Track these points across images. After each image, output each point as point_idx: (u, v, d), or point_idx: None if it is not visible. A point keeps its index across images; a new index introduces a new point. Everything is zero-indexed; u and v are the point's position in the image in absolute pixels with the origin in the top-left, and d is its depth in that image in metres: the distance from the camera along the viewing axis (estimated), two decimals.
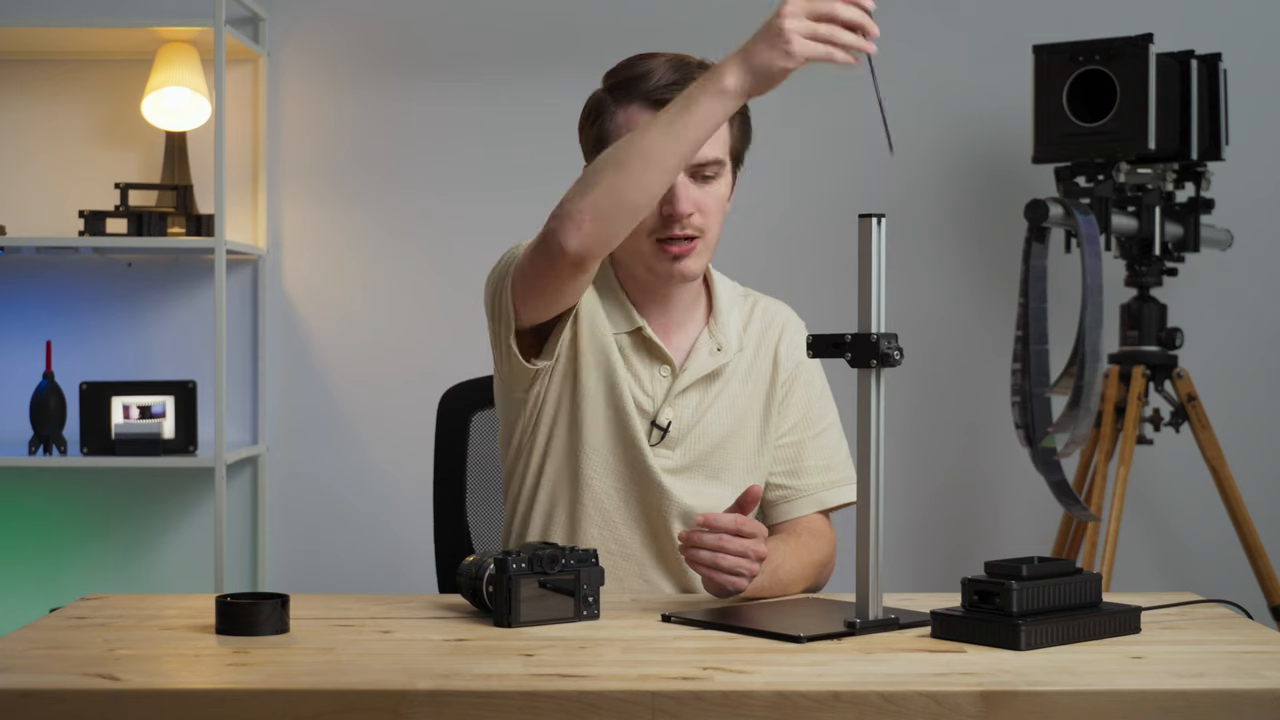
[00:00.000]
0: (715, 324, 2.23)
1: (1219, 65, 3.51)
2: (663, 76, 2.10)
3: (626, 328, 2.19)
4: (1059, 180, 3.46)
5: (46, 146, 3.85)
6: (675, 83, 2.08)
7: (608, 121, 2.13)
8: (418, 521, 2.53)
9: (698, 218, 2.12)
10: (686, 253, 2.13)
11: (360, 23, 3.87)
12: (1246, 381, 3.84)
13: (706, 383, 2.21)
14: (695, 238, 2.13)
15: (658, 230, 2.12)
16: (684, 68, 2.11)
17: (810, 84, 3.84)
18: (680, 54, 2.16)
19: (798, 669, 1.63)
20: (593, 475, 2.17)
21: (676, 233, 2.11)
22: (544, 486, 2.20)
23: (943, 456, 3.87)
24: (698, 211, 2.12)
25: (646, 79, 2.11)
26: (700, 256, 2.15)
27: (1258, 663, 1.68)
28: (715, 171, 2.14)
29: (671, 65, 2.12)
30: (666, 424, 2.18)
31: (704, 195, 2.12)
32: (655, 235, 2.12)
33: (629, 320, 2.19)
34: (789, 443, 2.25)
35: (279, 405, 3.88)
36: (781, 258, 3.81)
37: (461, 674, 1.59)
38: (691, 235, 2.12)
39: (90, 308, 3.84)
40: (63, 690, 1.55)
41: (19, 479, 3.84)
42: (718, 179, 2.14)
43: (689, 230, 2.12)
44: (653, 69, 2.12)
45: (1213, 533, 3.72)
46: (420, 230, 3.87)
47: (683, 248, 2.13)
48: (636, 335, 2.19)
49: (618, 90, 2.13)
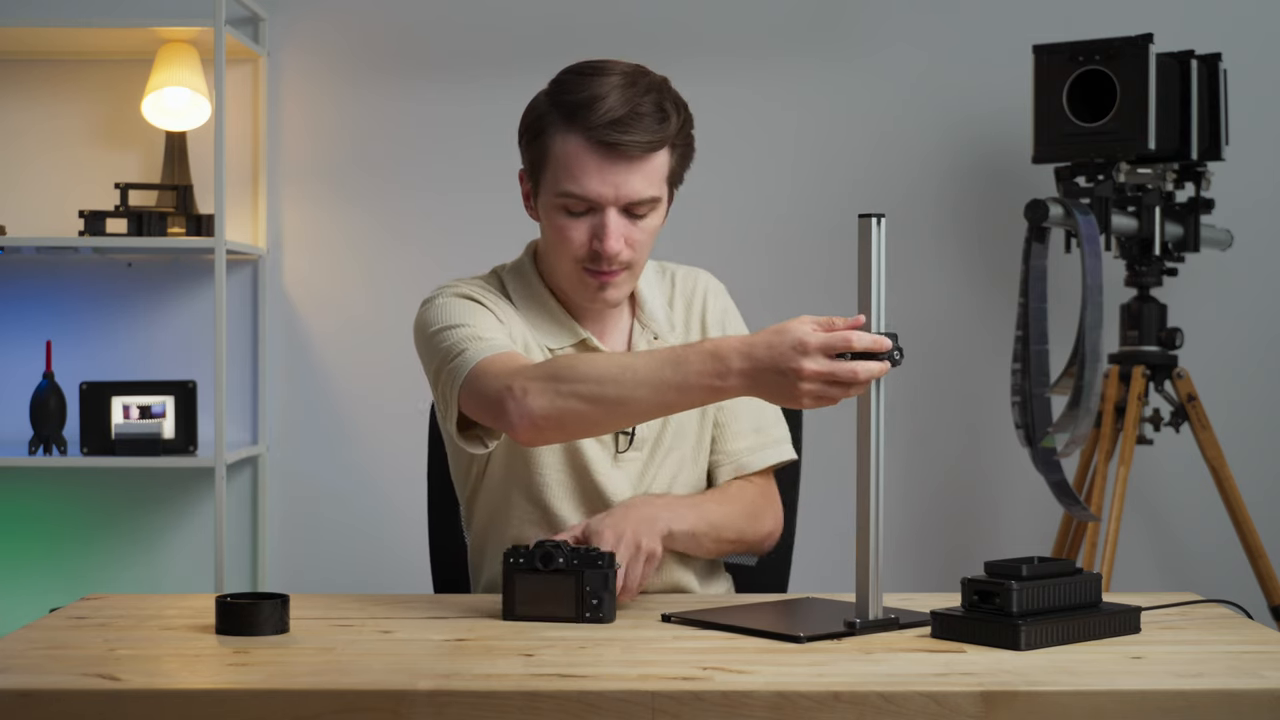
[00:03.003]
0: (643, 313, 2.23)
1: (1219, 65, 3.50)
2: (611, 108, 2.02)
3: (570, 340, 2.18)
4: (1059, 180, 3.46)
5: (46, 146, 3.85)
6: (622, 119, 2.02)
7: (548, 142, 2.08)
8: (418, 521, 2.53)
9: (626, 253, 2.09)
10: (611, 281, 2.11)
11: (360, 23, 3.87)
12: (1246, 381, 3.84)
13: None
14: (621, 270, 2.11)
15: (584, 261, 2.10)
16: (635, 88, 2.05)
17: (810, 82, 3.86)
18: (635, 66, 2.09)
19: (798, 669, 1.63)
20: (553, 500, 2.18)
21: (603, 267, 2.10)
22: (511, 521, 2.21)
23: (943, 456, 3.87)
24: (628, 248, 2.09)
25: (594, 108, 2.03)
26: (625, 285, 2.14)
27: (1258, 663, 1.68)
28: (648, 209, 2.10)
29: (623, 89, 2.04)
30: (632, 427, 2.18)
31: (635, 231, 2.09)
32: (582, 264, 2.11)
33: (572, 333, 2.19)
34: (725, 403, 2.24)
35: (279, 405, 3.88)
36: (782, 259, 3.81)
37: (461, 674, 1.59)
38: (618, 269, 2.11)
39: (90, 308, 3.84)
40: (63, 690, 1.55)
41: (19, 479, 3.84)
42: (652, 213, 2.11)
43: (615, 266, 2.10)
44: (602, 95, 2.03)
45: (1213, 533, 3.72)
46: (420, 230, 3.87)
47: (609, 277, 2.11)
48: (580, 347, 2.19)
49: (563, 111, 2.06)
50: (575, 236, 2.09)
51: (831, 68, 3.85)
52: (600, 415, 1.91)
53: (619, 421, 1.95)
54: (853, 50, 3.85)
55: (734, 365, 1.82)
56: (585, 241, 2.08)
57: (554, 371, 1.94)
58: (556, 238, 2.11)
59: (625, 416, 1.93)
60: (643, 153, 2.05)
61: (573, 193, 2.06)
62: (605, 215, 2.07)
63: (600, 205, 2.07)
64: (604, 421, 1.94)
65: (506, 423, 1.94)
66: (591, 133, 2.03)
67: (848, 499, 1.95)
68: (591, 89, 2.05)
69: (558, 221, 2.10)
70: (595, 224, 2.08)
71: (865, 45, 3.85)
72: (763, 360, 1.80)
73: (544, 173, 2.10)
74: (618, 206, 2.07)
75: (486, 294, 2.18)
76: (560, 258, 2.11)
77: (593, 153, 2.04)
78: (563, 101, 2.07)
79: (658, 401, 1.88)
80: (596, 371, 1.91)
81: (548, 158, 2.09)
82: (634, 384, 1.88)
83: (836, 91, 3.85)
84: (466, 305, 2.13)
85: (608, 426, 1.97)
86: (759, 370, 1.80)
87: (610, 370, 1.90)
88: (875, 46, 3.85)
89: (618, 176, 2.05)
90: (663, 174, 2.10)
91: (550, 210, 2.11)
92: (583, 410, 1.91)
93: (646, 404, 1.88)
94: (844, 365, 1.76)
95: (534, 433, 1.94)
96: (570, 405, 1.91)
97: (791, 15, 3.85)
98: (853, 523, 1.85)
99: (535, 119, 2.11)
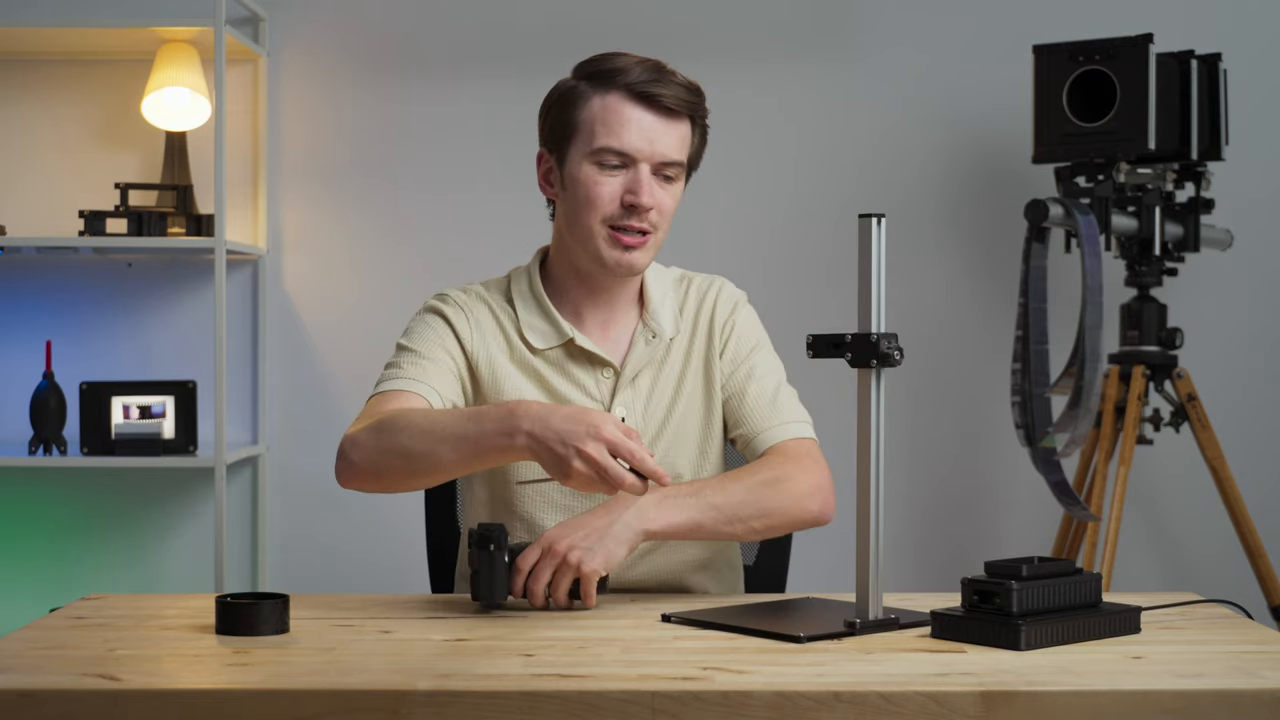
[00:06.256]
0: (648, 314, 2.25)
1: (1219, 65, 3.51)
2: (642, 74, 2.12)
3: (556, 341, 2.21)
4: (1059, 180, 3.46)
5: (47, 146, 3.85)
6: (655, 79, 2.12)
7: (579, 107, 2.14)
8: (418, 521, 2.53)
9: (655, 214, 2.14)
10: (638, 245, 2.15)
11: (360, 23, 3.87)
12: (1246, 381, 3.84)
13: (652, 371, 2.23)
14: (649, 233, 2.15)
15: (615, 218, 2.14)
16: (659, 69, 2.14)
17: (810, 82, 3.86)
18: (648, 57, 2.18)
19: (798, 669, 1.63)
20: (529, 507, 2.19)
21: (634, 223, 2.13)
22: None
23: (943, 456, 3.87)
24: (656, 208, 2.14)
25: (626, 73, 2.13)
26: (648, 252, 2.17)
27: (1258, 663, 1.68)
28: (675, 173, 2.16)
29: (645, 64, 2.15)
30: (621, 418, 2.18)
31: (663, 194, 2.15)
32: (610, 223, 2.14)
33: (558, 333, 2.21)
34: (733, 391, 2.25)
35: (279, 405, 3.88)
36: (781, 258, 3.81)
37: (461, 674, 1.59)
38: (646, 230, 2.15)
39: (90, 308, 3.84)
40: (63, 690, 1.55)
41: (19, 479, 3.84)
42: (677, 181, 2.17)
43: (645, 225, 2.14)
44: (629, 65, 2.14)
45: (1213, 533, 3.72)
46: (420, 230, 3.87)
47: (636, 240, 2.14)
48: (567, 347, 2.21)
49: (596, 79, 2.15)
50: (606, 193, 2.13)
51: (832, 68, 3.85)
52: (408, 469, 1.98)
53: (426, 476, 2.00)
54: (853, 50, 3.85)
55: (523, 426, 1.88)
56: (617, 197, 2.13)
57: (381, 424, 2.01)
58: (587, 197, 2.14)
59: (431, 471, 1.98)
60: (676, 108, 2.13)
61: (610, 146, 2.12)
62: (639, 170, 2.12)
63: (634, 160, 2.12)
64: (412, 477, 2.00)
65: (336, 469, 2.04)
66: (630, 86, 2.12)
67: (848, 499, 1.95)
68: (619, 62, 2.15)
69: (590, 179, 2.13)
70: (629, 179, 2.13)
71: (865, 45, 3.85)
72: (554, 428, 1.85)
73: (574, 139, 2.15)
74: (651, 164, 2.12)
75: (473, 307, 2.23)
76: (589, 219, 2.14)
77: (632, 105, 2.12)
78: (594, 72, 2.15)
79: (456, 458, 1.94)
80: (412, 425, 1.98)
81: (579, 122, 2.14)
82: (438, 439, 1.94)
83: (837, 91, 3.85)
84: (429, 326, 2.21)
85: (418, 481, 2.02)
86: (546, 435, 1.86)
87: (423, 424, 1.97)
88: (875, 47, 3.85)
89: (654, 131, 2.12)
90: (687, 145, 2.17)
91: (581, 172, 2.14)
92: (394, 464, 1.98)
93: (447, 460, 1.95)
94: (616, 467, 1.83)
95: (355, 482, 2.03)
96: (384, 459, 1.99)
97: (791, 15, 3.85)
98: (853, 523, 1.85)
99: (562, 93, 2.18)
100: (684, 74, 2.17)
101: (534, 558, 1.97)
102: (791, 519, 2.12)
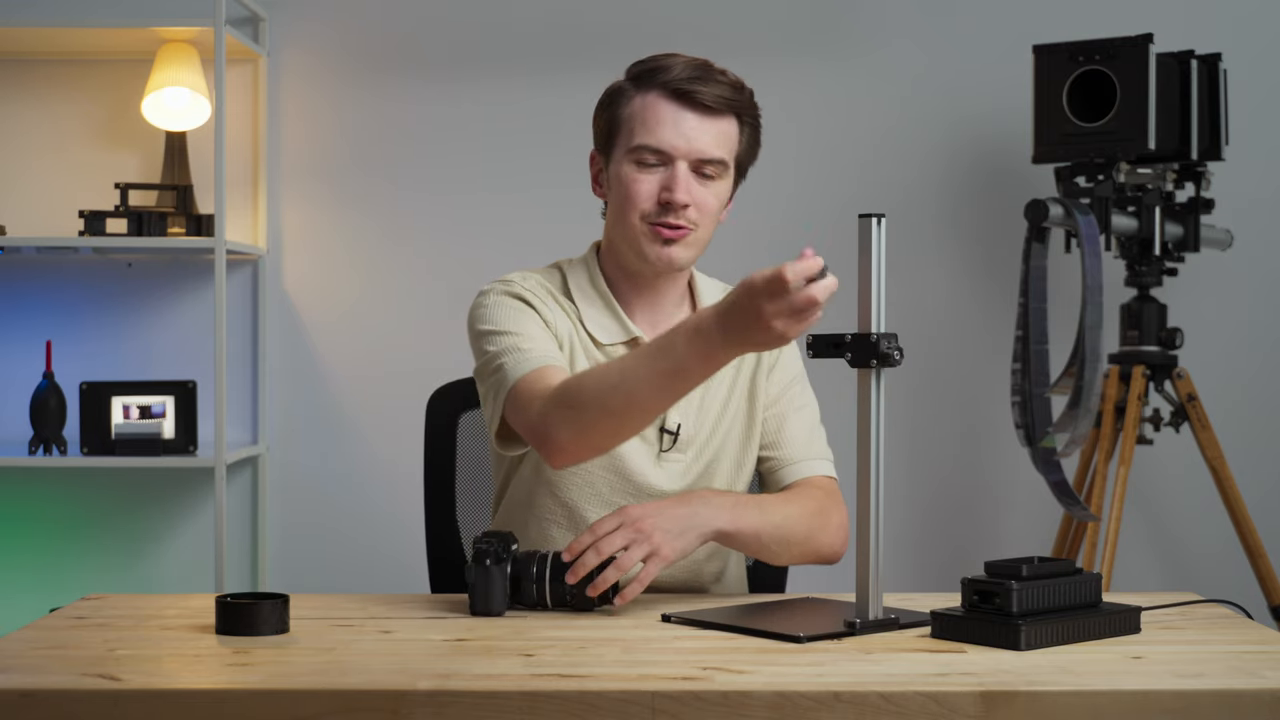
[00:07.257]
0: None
1: (1219, 65, 3.51)
2: (683, 72, 2.13)
3: (622, 338, 2.20)
4: (1059, 180, 3.46)
5: (47, 146, 3.85)
6: (696, 78, 2.12)
7: (623, 107, 2.16)
8: (418, 521, 2.53)
9: (693, 212, 2.14)
10: (677, 239, 2.14)
11: (360, 23, 3.87)
12: (1246, 381, 3.84)
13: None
14: (688, 229, 2.15)
15: (653, 215, 2.14)
16: (704, 68, 2.15)
17: (810, 82, 3.86)
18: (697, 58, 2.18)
19: (798, 669, 1.63)
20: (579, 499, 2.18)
21: (670, 220, 2.13)
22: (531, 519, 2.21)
23: (943, 456, 3.87)
24: (694, 206, 2.13)
25: (667, 71, 2.14)
26: (689, 248, 2.16)
27: (1258, 663, 1.68)
28: (716, 171, 2.15)
29: (690, 63, 2.15)
30: (676, 427, 2.18)
31: (703, 192, 2.14)
32: (649, 220, 2.14)
33: (624, 330, 2.20)
34: (774, 414, 2.27)
35: (279, 405, 3.88)
36: (782, 258, 3.80)
37: (461, 674, 1.59)
38: (683, 226, 2.14)
39: (90, 308, 3.84)
40: (63, 690, 1.55)
41: (19, 479, 3.84)
42: (718, 180, 2.16)
43: (682, 221, 2.14)
44: (673, 64, 2.15)
45: (1213, 533, 3.72)
46: (420, 230, 3.87)
47: (675, 233, 2.14)
48: (631, 344, 2.20)
49: (640, 79, 2.16)
50: (644, 190, 2.13)
51: (832, 67, 3.85)
52: (617, 424, 1.95)
53: (638, 421, 1.96)
54: (853, 50, 3.85)
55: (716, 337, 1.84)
56: (654, 193, 2.13)
57: (565, 398, 1.97)
58: (626, 194, 2.14)
59: (640, 414, 1.94)
60: (714, 105, 2.13)
61: (646, 144, 2.13)
62: (675, 167, 2.13)
63: (671, 157, 2.12)
64: (623, 427, 1.97)
65: (545, 455, 2.01)
66: (667, 85, 2.13)
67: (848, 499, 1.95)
68: (664, 61, 2.15)
69: (629, 177, 2.14)
70: (666, 176, 2.13)
71: (865, 45, 3.85)
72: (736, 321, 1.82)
73: (618, 138, 2.17)
74: (688, 160, 2.13)
75: (539, 291, 2.21)
76: (629, 215, 2.15)
77: (668, 103, 2.13)
78: (639, 72, 2.17)
79: (661, 390, 1.90)
80: (599, 384, 1.94)
81: (621, 121, 2.16)
82: (634, 385, 1.90)
83: (837, 91, 3.85)
84: (513, 308, 2.17)
85: (629, 430, 1.99)
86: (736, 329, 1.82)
87: (610, 378, 1.93)
88: (875, 46, 3.85)
89: (690, 128, 2.12)
90: (732, 143, 2.17)
91: (622, 170, 2.15)
92: (602, 424, 1.95)
93: (653, 398, 1.91)
94: (800, 294, 1.80)
95: (568, 459, 2.00)
96: (589, 425, 1.95)
97: (792, 15, 3.85)
98: (853, 524, 1.85)
99: (610, 95, 2.20)
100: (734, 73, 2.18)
101: (611, 525, 1.97)
102: (822, 554, 2.18)
